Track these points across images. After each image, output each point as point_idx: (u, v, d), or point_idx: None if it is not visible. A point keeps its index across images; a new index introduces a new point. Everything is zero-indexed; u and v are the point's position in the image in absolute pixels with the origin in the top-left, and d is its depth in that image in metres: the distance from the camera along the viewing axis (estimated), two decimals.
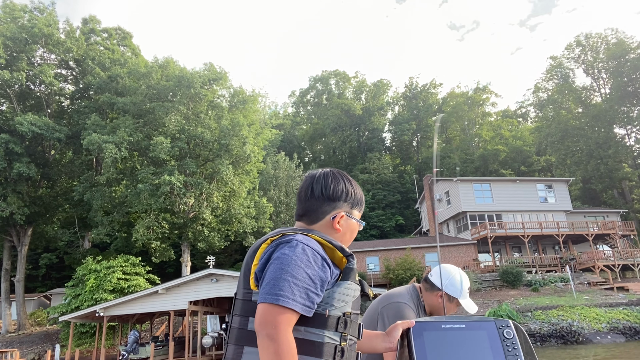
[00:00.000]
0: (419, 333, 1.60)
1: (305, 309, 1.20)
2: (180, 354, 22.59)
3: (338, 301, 1.29)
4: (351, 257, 1.35)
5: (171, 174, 30.84)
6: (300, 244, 1.26)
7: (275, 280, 1.19)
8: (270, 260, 1.26)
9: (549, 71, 55.50)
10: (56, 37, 34.51)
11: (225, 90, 38.49)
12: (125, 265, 28.28)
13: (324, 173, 1.50)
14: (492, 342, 1.58)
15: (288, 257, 1.22)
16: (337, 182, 1.48)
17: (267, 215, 38.14)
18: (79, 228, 37.12)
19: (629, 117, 49.45)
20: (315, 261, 1.25)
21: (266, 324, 1.15)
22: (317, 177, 1.48)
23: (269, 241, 1.32)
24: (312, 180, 1.48)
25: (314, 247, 1.28)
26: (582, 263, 31.41)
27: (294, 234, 1.31)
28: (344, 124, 64.82)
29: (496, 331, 1.60)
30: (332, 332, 1.25)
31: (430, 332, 1.61)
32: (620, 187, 49.72)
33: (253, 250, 1.34)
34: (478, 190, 36.82)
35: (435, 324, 1.64)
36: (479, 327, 1.62)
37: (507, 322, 1.61)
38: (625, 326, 21.42)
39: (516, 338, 1.57)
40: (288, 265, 1.21)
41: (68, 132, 34.14)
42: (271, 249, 1.28)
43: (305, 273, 1.21)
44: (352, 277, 1.33)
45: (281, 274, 1.20)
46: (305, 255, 1.24)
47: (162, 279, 30.69)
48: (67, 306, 26.88)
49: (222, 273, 21.78)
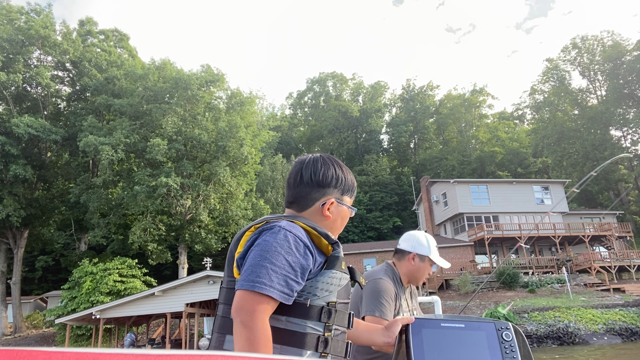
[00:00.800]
0: (417, 330, 1.61)
1: (284, 296, 1.17)
2: None
3: (321, 290, 1.25)
4: (337, 244, 1.32)
5: (168, 176, 30.77)
6: (283, 230, 1.23)
7: (254, 267, 1.17)
8: (251, 246, 1.24)
9: (545, 73, 55.73)
10: (53, 38, 34.42)
11: (222, 92, 38.46)
12: (121, 268, 28.17)
13: (313, 158, 1.45)
14: (491, 343, 1.58)
15: (268, 243, 1.20)
16: (327, 167, 1.42)
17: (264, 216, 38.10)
18: (75, 230, 36.98)
19: (625, 119, 49.69)
20: (297, 248, 1.22)
21: (241, 310, 1.13)
22: (306, 162, 1.44)
23: (253, 228, 1.30)
24: (302, 165, 1.43)
25: (296, 233, 1.24)
26: (579, 264, 31.48)
27: (278, 221, 1.28)
28: (341, 125, 64.86)
29: (495, 333, 1.60)
30: (314, 322, 1.23)
31: (429, 329, 1.62)
32: (616, 189, 49.93)
33: (237, 238, 1.32)
34: (475, 191, 36.89)
35: (434, 322, 1.65)
36: (478, 327, 1.63)
37: (507, 325, 1.62)
38: (621, 327, 21.47)
39: (515, 341, 1.58)
40: (267, 252, 1.18)
41: (64, 134, 34.04)
42: (254, 236, 1.26)
43: (285, 260, 1.18)
44: (338, 266, 1.30)
45: (260, 260, 1.17)
46: (286, 242, 1.21)
47: (159, 281, 30.57)
48: (64, 309, 26.75)
49: (219, 275, 21.70)
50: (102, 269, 27.41)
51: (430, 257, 2.42)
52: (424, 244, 2.43)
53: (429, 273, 2.44)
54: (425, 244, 2.43)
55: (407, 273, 2.42)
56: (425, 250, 2.42)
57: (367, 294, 2.29)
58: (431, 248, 2.43)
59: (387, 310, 2.22)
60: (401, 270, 2.44)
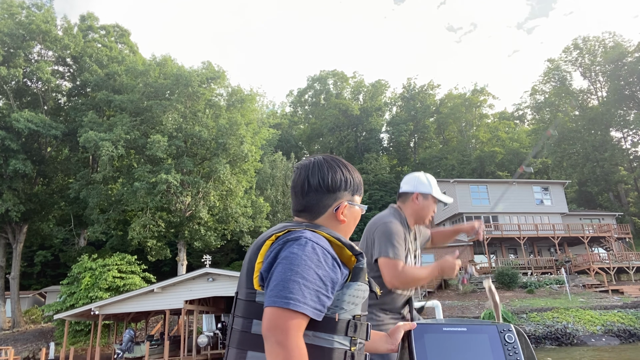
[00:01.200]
0: (420, 335, 1.60)
1: (317, 312, 1.12)
2: (176, 353, 22.54)
3: (348, 304, 1.21)
4: (361, 255, 1.26)
5: (168, 173, 30.76)
6: (310, 242, 1.17)
7: (285, 282, 1.11)
8: (277, 259, 1.17)
9: (546, 74, 55.71)
10: (54, 33, 34.36)
11: (223, 89, 38.42)
12: (120, 264, 28.18)
13: (317, 162, 1.37)
14: (494, 346, 1.58)
15: (297, 256, 1.14)
16: (334, 170, 1.36)
17: (263, 214, 38.10)
18: (75, 226, 36.98)
19: (626, 120, 49.70)
20: (325, 261, 1.17)
21: (275, 329, 1.07)
22: (311, 168, 1.36)
23: (274, 237, 1.23)
24: (307, 172, 1.36)
25: (323, 245, 1.19)
26: (577, 265, 31.51)
27: (301, 230, 1.22)
28: (341, 124, 64.81)
29: (497, 335, 1.60)
30: (341, 337, 1.18)
31: (432, 334, 1.61)
32: (616, 190, 49.95)
33: (256, 247, 1.25)
34: (475, 191, 36.90)
35: (436, 326, 1.65)
36: (481, 330, 1.62)
37: (509, 327, 1.61)
38: (619, 329, 21.50)
39: (517, 342, 1.57)
40: (298, 266, 1.12)
41: (64, 129, 34.00)
42: (278, 247, 1.19)
43: (315, 274, 1.13)
44: (362, 278, 1.25)
45: (291, 275, 1.11)
46: (315, 255, 1.15)
47: (158, 278, 30.59)
48: (62, 304, 26.76)
49: (218, 272, 21.73)
50: (101, 265, 27.41)
51: (432, 194, 2.44)
52: (425, 183, 2.46)
53: (433, 211, 2.46)
54: (427, 182, 2.46)
55: (413, 214, 2.44)
56: (427, 188, 2.44)
57: (379, 237, 2.30)
58: (432, 186, 2.46)
59: (400, 251, 2.25)
60: (406, 212, 2.45)
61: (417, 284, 2.28)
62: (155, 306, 22.23)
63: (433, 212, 2.47)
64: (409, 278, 2.23)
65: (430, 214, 2.46)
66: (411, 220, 2.45)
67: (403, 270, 2.22)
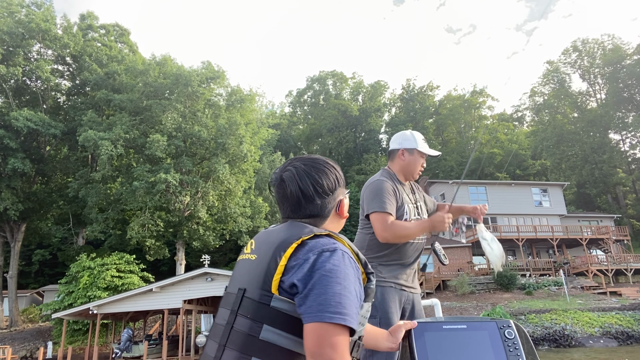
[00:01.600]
0: (420, 334, 1.60)
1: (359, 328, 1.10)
2: (174, 352, 22.52)
3: (359, 324, 1.15)
4: (372, 274, 1.22)
5: (167, 172, 30.74)
6: (347, 255, 1.14)
7: (337, 297, 1.05)
8: (315, 269, 1.10)
9: (545, 75, 55.78)
10: (53, 32, 34.33)
11: (222, 89, 38.41)
12: (119, 263, 28.12)
13: (304, 170, 1.30)
14: (494, 342, 1.58)
15: (341, 270, 1.09)
16: (324, 173, 1.31)
17: (262, 214, 38.08)
18: (73, 225, 36.91)
19: (624, 122, 49.80)
20: (358, 277, 1.14)
21: (328, 346, 1.01)
22: (299, 177, 1.29)
23: (300, 241, 1.16)
24: (298, 184, 1.29)
25: (353, 258, 1.16)
26: (576, 267, 31.55)
27: (334, 241, 1.18)
28: (340, 124, 64.83)
29: (497, 331, 1.60)
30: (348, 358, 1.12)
31: (432, 332, 1.61)
32: (614, 192, 50.02)
33: (279, 247, 1.16)
34: (473, 193, 36.94)
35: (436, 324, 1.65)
36: (481, 327, 1.63)
37: (509, 322, 1.62)
38: (617, 331, 21.54)
39: (517, 338, 1.58)
40: (344, 280, 1.08)
41: (64, 128, 33.96)
42: (313, 256, 1.12)
43: (354, 288, 1.10)
44: (371, 298, 1.22)
45: (340, 289, 1.06)
46: (352, 269, 1.12)
47: (156, 277, 30.56)
48: (60, 303, 26.70)
49: (217, 272, 21.71)
50: (100, 264, 27.35)
51: (417, 149, 2.51)
52: (410, 138, 2.53)
53: (422, 165, 2.53)
54: (412, 138, 2.53)
55: (401, 170, 2.52)
56: (412, 143, 2.51)
57: (367, 195, 2.41)
58: (417, 141, 2.52)
59: (387, 204, 2.32)
60: (395, 169, 2.54)
61: (409, 237, 2.31)
62: (153, 306, 22.20)
63: (421, 166, 2.53)
64: (399, 230, 2.29)
65: (418, 168, 2.52)
66: (401, 176, 2.53)
67: (392, 223, 2.29)
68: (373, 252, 2.39)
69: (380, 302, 2.31)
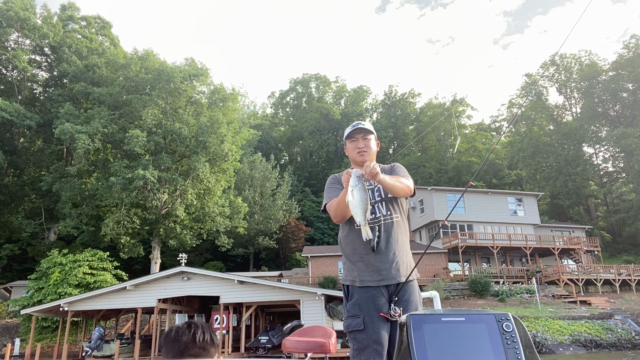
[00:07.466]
0: (418, 325, 1.60)
1: None
2: (146, 352, 22.11)
3: None
4: None
5: (145, 169, 30.25)
6: None
7: None
8: None
9: (523, 88, 56.97)
10: (32, 21, 33.51)
11: (205, 86, 38.07)
12: (92, 260, 27.46)
13: (192, 331, 1.58)
14: (492, 335, 1.59)
15: None
16: (205, 331, 1.59)
17: (241, 215, 37.81)
18: (45, 219, 35.96)
19: (598, 136, 51.18)
20: None
21: None
22: (193, 333, 1.57)
23: None
24: (193, 335, 1.56)
25: None
26: (548, 276, 32.21)
27: None
28: (322, 127, 64.94)
29: (496, 324, 1.61)
30: None
31: (430, 324, 1.61)
32: (586, 204, 51.31)
33: None
34: (451, 200, 37.38)
35: (435, 317, 1.65)
36: (479, 320, 1.64)
37: (507, 316, 1.63)
38: (586, 339, 22.09)
39: (515, 331, 1.59)
40: None
41: (39, 120, 33.13)
42: None
43: None
44: None
45: None
46: None
47: (130, 276, 29.96)
48: (29, 299, 25.92)
49: (194, 271, 21.44)
50: (72, 261, 26.68)
51: (344, 137, 2.71)
52: (346, 131, 2.70)
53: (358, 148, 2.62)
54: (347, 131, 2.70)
55: (351, 159, 2.72)
56: (345, 135, 2.71)
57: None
58: (347, 130, 2.68)
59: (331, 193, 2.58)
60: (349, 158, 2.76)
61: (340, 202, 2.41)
62: (127, 304, 21.76)
63: (357, 149, 2.61)
64: (334, 208, 2.47)
65: (354, 152, 2.63)
66: (354, 165, 2.67)
67: (330, 206, 2.54)
68: (343, 253, 2.53)
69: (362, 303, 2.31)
